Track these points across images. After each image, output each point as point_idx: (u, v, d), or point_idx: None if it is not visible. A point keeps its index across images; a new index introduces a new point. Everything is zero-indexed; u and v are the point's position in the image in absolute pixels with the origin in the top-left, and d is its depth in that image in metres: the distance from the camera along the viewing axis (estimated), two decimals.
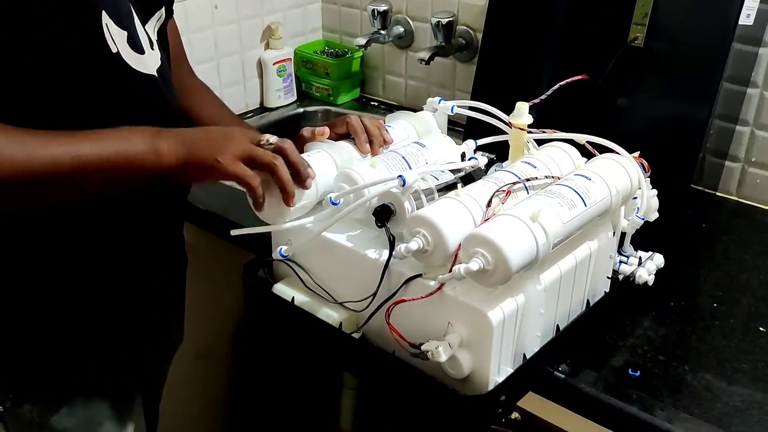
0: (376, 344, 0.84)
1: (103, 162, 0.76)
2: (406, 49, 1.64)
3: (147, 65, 0.89)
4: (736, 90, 1.23)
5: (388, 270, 0.81)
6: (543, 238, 0.76)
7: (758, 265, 1.11)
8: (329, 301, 0.88)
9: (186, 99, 1.07)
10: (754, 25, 1.13)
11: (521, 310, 0.79)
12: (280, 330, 0.96)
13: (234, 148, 0.80)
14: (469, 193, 0.81)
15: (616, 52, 1.18)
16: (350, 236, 0.87)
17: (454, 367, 0.78)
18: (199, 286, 1.27)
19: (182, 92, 1.04)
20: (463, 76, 1.55)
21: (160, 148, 0.78)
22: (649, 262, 0.97)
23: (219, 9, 1.53)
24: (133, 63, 0.86)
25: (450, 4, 1.52)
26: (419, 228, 0.78)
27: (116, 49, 0.83)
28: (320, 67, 1.70)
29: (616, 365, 0.90)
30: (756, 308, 1.01)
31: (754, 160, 1.27)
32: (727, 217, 1.27)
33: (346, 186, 0.86)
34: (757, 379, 0.88)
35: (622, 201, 0.89)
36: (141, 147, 0.78)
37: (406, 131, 1.01)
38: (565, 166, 0.92)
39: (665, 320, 0.98)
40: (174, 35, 1.05)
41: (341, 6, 1.72)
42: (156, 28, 0.94)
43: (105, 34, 0.81)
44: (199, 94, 1.13)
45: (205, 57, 1.54)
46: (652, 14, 1.15)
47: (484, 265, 0.74)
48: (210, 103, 1.14)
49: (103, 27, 0.81)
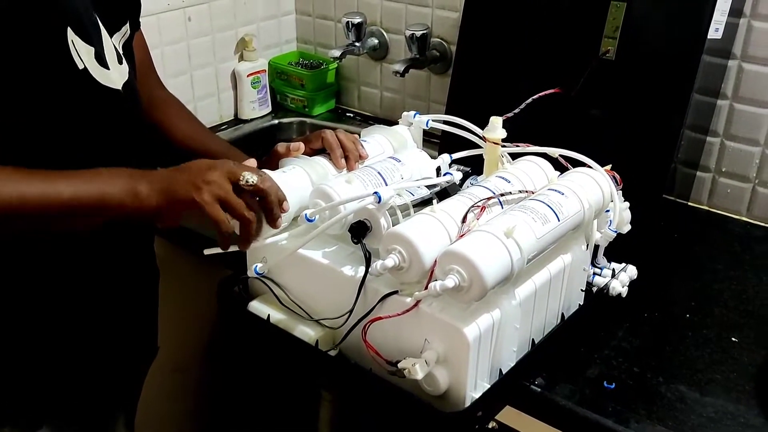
0: (354, 361, 0.84)
1: (82, 204, 0.76)
2: (380, 61, 1.64)
3: (113, 80, 0.88)
4: (706, 101, 1.25)
5: (365, 287, 0.81)
6: (517, 253, 0.77)
7: (730, 275, 1.13)
8: (305, 318, 0.88)
9: (157, 113, 1.06)
10: (723, 38, 1.15)
11: (497, 326, 0.79)
12: (255, 347, 0.95)
13: (213, 189, 0.79)
14: (445, 209, 0.81)
15: (589, 65, 1.19)
16: (326, 253, 0.87)
17: (431, 384, 0.78)
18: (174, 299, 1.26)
19: (152, 106, 1.03)
20: (438, 87, 1.56)
21: (139, 190, 0.78)
22: (623, 273, 0.98)
23: (192, 21, 1.52)
24: (100, 78, 0.86)
25: (424, 17, 1.52)
26: (395, 245, 0.78)
27: (83, 65, 0.82)
28: (295, 79, 1.70)
29: (592, 377, 0.91)
30: (728, 318, 1.03)
31: (725, 170, 1.29)
32: (698, 226, 1.29)
33: (321, 202, 0.86)
34: (729, 390, 0.89)
35: (595, 214, 0.90)
36: (120, 190, 0.78)
37: (381, 146, 1.01)
38: (538, 180, 0.92)
39: (639, 331, 0.99)
40: (141, 49, 1.04)
41: (316, 18, 1.72)
42: (122, 43, 0.94)
43: (71, 51, 0.80)
44: (171, 108, 1.12)
45: (179, 69, 1.53)
46: (623, 28, 1.17)
47: (460, 282, 0.74)
48: (181, 116, 1.13)
49: (69, 43, 0.80)
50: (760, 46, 1.20)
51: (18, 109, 0.79)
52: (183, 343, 1.44)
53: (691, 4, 1.12)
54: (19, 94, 0.79)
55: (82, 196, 0.76)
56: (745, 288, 1.10)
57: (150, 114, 1.03)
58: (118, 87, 0.89)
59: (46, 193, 0.75)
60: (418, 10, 1.53)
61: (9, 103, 0.78)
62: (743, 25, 1.20)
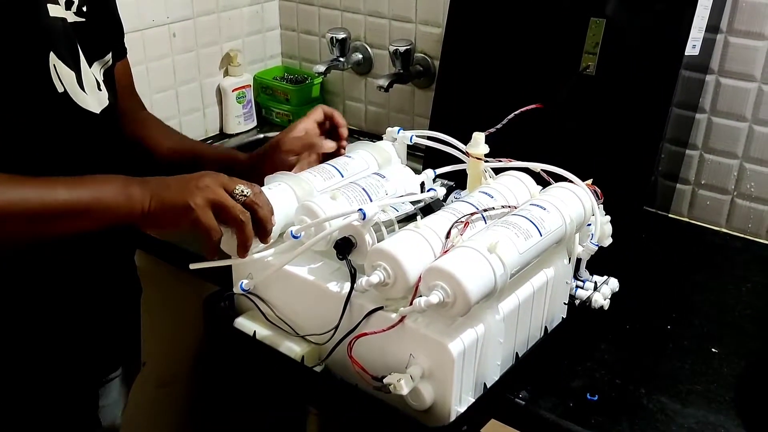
0: (340, 377, 0.85)
1: (79, 206, 0.77)
2: (365, 76, 1.65)
3: (91, 105, 0.89)
4: (685, 115, 1.27)
5: (350, 303, 0.82)
6: (501, 269, 0.78)
7: (709, 286, 1.14)
8: (291, 334, 0.88)
9: (142, 130, 1.07)
10: (700, 54, 1.17)
11: (481, 340, 0.80)
12: (242, 364, 0.95)
13: (207, 193, 0.80)
14: (429, 225, 0.82)
15: (570, 80, 1.21)
16: (312, 269, 0.87)
17: (417, 399, 0.79)
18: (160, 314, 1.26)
19: (136, 124, 1.05)
20: (422, 101, 1.57)
21: (133, 195, 0.79)
22: (605, 286, 0.99)
23: (177, 37, 1.53)
24: (80, 103, 0.86)
25: (408, 32, 1.54)
26: (380, 261, 0.79)
27: (63, 89, 0.83)
28: (280, 93, 1.71)
29: (575, 390, 0.92)
30: (708, 329, 1.04)
31: (704, 182, 1.32)
32: (679, 238, 1.31)
33: (307, 219, 0.87)
34: (710, 401, 0.91)
35: (577, 228, 0.91)
36: (115, 193, 0.79)
37: (366, 161, 1.02)
38: (521, 195, 0.94)
39: (621, 344, 1.01)
40: (126, 75, 1.06)
41: (300, 33, 1.73)
42: (103, 71, 0.94)
43: (52, 74, 0.81)
44: (155, 124, 1.13)
45: (164, 85, 1.54)
46: (603, 44, 1.19)
47: (444, 298, 0.75)
48: (164, 130, 1.14)
49: (51, 67, 0.81)
50: (736, 61, 1.22)
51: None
52: (169, 359, 1.44)
53: (669, 21, 1.15)
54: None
55: (78, 199, 0.77)
56: (724, 299, 1.11)
57: (133, 132, 1.03)
58: (97, 111, 0.90)
59: (45, 194, 0.76)
60: (401, 26, 1.55)
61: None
62: (720, 40, 1.23)
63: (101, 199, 0.78)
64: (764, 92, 1.21)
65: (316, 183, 0.96)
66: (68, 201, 0.77)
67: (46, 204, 0.76)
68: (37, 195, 0.76)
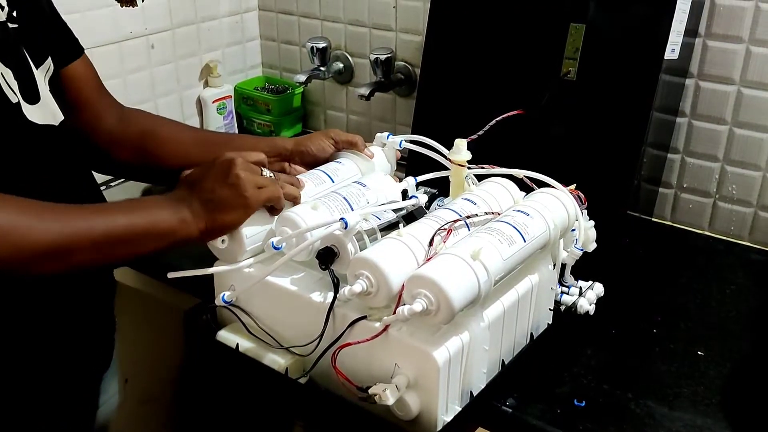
0: (324, 388, 0.84)
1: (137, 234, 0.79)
2: (346, 85, 1.65)
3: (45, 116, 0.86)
4: (666, 119, 1.27)
5: (333, 313, 0.81)
6: (484, 275, 0.77)
7: (693, 288, 1.14)
8: (274, 346, 0.87)
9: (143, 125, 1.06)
10: (679, 58, 1.18)
11: (466, 348, 0.79)
12: (225, 377, 0.94)
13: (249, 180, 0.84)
14: (411, 233, 0.82)
15: (550, 86, 1.21)
16: (294, 279, 0.86)
17: (403, 408, 0.78)
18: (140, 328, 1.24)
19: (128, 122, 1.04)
20: (404, 110, 1.57)
21: (185, 219, 0.82)
22: (590, 291, 0.99)
23: (155, 49, 1.52)
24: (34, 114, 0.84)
25: (388, 41, 1.54)
26: (362, 270, 0.78)
27: (16, 100, 0.81)
28: (261, 104, 1.70)
29: (562, 396, 0.91)
30: (694, 332, 1.04)
31: (686, 185, 1.32)
32: (662, 242, 1.31)
33: (288, 230, 0.86)
34: (697, 403, 0.91)
35: (561, 234, 0.91)
36: (168, 220, 0.81)
37: (358, 167, 1.03)
38: (504, 201, 0.93)
39: (608, 348, 1.00)
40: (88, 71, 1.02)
41: (280, 43, 1.72)
42: (47, 78, 0.90)
43: (2, 85, 0.79)
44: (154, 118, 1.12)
45: (142, 98, 1.52)
46: (583, 49, 1.19)
47: (428, 306, 0.74)
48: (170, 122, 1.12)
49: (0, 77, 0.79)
50: (715, 64, 1.23)
51: None
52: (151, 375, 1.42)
53: (648, 26, 1.15)
54: None
55: (136, 225, 0.79)
56: (709, 301, 1.11)
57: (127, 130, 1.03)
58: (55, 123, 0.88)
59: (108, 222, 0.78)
60: (382, 34, 1.54)
61: None
62: (698, 44, 1.23)
63: (157, 225, 0.81)
64: (743, 95, 1.22)
65: (307, 188, 0.95)
66: (128, 227, 0.79)
67: (110, 232, 0.77)
68: (102, 223, 0.77)
